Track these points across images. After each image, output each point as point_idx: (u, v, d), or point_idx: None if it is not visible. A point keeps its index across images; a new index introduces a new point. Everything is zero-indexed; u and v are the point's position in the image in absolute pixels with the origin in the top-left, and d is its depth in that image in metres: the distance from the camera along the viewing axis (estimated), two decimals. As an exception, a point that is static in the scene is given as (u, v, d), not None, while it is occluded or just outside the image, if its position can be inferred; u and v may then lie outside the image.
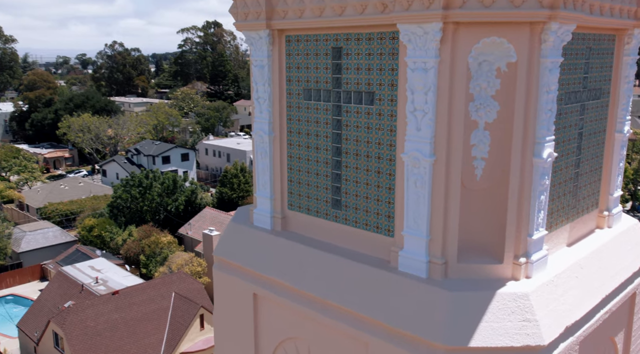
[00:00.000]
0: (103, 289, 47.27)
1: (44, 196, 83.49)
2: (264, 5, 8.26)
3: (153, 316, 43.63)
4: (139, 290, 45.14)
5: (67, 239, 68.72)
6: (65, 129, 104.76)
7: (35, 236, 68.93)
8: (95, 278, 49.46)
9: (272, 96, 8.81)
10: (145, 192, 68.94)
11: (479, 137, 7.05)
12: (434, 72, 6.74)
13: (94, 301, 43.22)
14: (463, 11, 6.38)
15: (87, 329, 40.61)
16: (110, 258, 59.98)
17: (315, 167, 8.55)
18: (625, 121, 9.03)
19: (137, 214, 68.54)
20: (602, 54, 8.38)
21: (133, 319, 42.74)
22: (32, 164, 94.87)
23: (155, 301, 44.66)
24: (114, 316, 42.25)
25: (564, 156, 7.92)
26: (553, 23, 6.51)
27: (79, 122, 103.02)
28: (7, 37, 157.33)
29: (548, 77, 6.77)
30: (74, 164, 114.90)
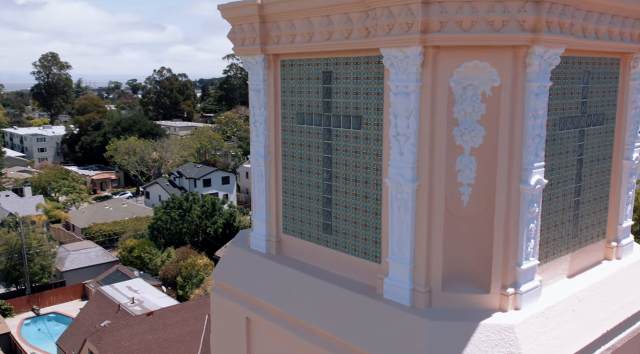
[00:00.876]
0: (139, 310, 47.97)
1: (89, 216, 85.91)
2: (259, 30, 8.36)
3: (186, 338, 43.92)
4: (173, 312, 45.61)
5: (109, 259, 70.34)
6: (112, 152, 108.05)
7: (79, 255, 70.84)
8: (131, 298, 50.27)
9: (267, 120, 8.85)
10: (184, 214, 70.09)
11: (464, 163, 6.88)
12: (416, 96, 6.65)
13: (129, 321, 43.88)
14: (441, 35, 6.29)
15: (121, 349, 41.16)
16: (148, 279, 60.98)
17: (307, 191, 8.51)
18: (634, 147, 8.67)
19: (177, 236, 69.66)
20: (604, 79, 8.11)
21: (166, 340, 43.12)
22: (80, 186, 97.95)
23: (189, 323, 44.99)
24: (148, 337, 42.71)
25: (560, 183, 7.64)
26: (537, 47, 6.34)
27: (125, 145, 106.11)
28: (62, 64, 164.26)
29: (534, 101, 6.58)
30: (120, 186, 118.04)
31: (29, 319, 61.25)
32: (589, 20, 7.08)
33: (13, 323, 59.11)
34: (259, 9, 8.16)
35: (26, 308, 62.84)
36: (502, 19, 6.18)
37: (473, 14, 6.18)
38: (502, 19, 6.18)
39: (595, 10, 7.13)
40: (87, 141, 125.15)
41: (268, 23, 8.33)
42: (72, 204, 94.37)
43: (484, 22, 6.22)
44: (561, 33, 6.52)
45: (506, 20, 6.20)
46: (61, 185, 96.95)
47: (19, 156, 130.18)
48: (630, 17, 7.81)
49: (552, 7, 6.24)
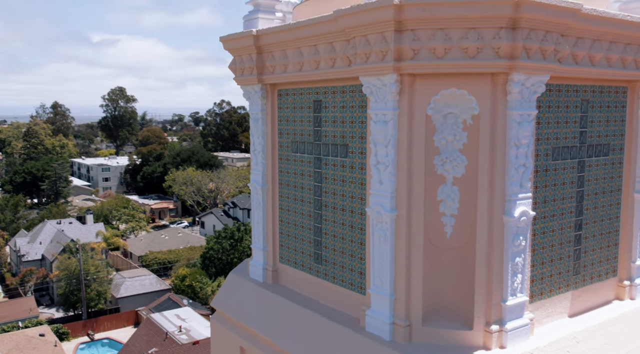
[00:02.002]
0: (185, 339, 48.45)
1: (146, 244, 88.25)
2: (255, 61, 8.50)
3: (229, 368, 43.90)
4: (217, 341, 45.78)
5: (162, 287, 71.73)
6: (170, 182, 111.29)
7: (134, 282, 72.60)
8: (179, 327, 50.89)
9: (265, 149, 8.92)
10: (236, 244, 70.93)
11: (446, 193, 6.68)
12: (393, 124, 6.55)
13: (175, 349, 44.37)
14: (415, 63, 6.20)
15: (165, 377, 41.59)
16: (197, 308, 61.69)
17: (301, 220, 8.46)
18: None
19: (228, 265, 70.43)
20: (607, 107, 7.76)
21: (210, 369, 43.24)
22: (139, 214, 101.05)
23: (232, 353, 45.02)
24: (192, 365, 42.99)
25: (556, 216, 7.28)
26: (516, 74, 6.15)
27: (183, 175, 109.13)
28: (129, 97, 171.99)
29: (517, 130, 6.35)
30: (177, 215, 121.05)
31: (84, 344, 62.88)
32: (580, 47, 6.82)
33: (69, 346, 60.81)
34: (255, 40, 8.31)
35: (82, 332, 64.61)
36: (477, 46, 6.04)
37: (446, 41, 6.08)
38: (477, 46, 6.04)
39: (587, 36, 6.87)
40: (148, 171, 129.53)
41: (264, 53, 8.47)
42: (131, 232, 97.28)
43: (458, 49, 6.10)
44: (544, 60, 6.31)
45: (480, 47, 6.06)
46: (121, 213, 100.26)
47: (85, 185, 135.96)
48: (632, 43, 7.48)
49: (531, 34, 6.06)
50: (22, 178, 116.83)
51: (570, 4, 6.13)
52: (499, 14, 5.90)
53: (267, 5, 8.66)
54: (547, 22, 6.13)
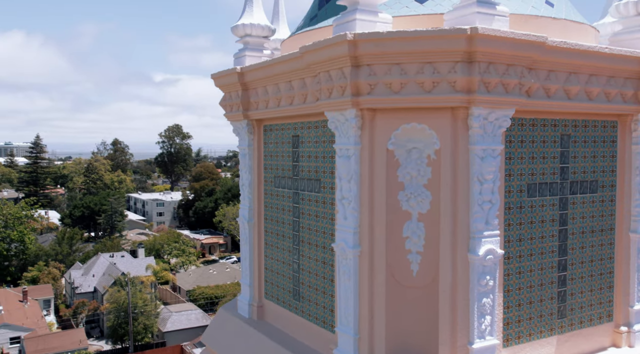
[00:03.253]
0: (224, 374, 48.25)
1: (195, 279, 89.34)
2: (241, 97, 8.65)
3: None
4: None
5: (207, 323, 72.11)
6: (220, 217, 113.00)
7: (180, 317, 73.33)
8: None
9: (252, 183, 8.97)
10: (280, 280, 70.83)
11: (412, 229, 6.52)
12: (355, 159, 6.49)
13: (213, 384, 44.28)
14: (372, 97, 6.16)
15: (202, 413, 41.44)
16: (240, 344, 61.51)
17: (282, 256, 8.41)
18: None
19: (271, 301, 70.26)
20: (594, 142, 7.44)
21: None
22: (189, 249, 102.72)
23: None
24: (229, 402, 42.72)
25: (534, 255, 6.96)
26: (475, 108, 6.01)
27: (233, 211, 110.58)
28: (185, 134, 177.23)
29: (480, 165, 6.17)
30: (227, 251, 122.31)
31: (129, 377, 63.63)
32: (553, 81, 6.61)
33: (114, 379, 61.67)
34: (239, 77, 8.47)
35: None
36: (432, 80, 5.96)
37: (402, 76, 6.02)
38: (432, 80, 5.96)
39: (561, 69, 6.66)
40: (199, 206, 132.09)
41: (249, 90, 8.61)
42: (181, 266, 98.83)
43: (414, 83, 6.03)
44: (507, 94, 6.14)
45: (436, 82, 5.97)
46: (172, 248, 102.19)
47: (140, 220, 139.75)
48: (617, 76, 7.20)
49: (490, 67, 5.93)
50: (81, 212, 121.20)
51: (530, 36, 5.99)
52: (453, 48, 5.82)
53: (255, 43, 8.83)
54: (507, 56, 5.99)
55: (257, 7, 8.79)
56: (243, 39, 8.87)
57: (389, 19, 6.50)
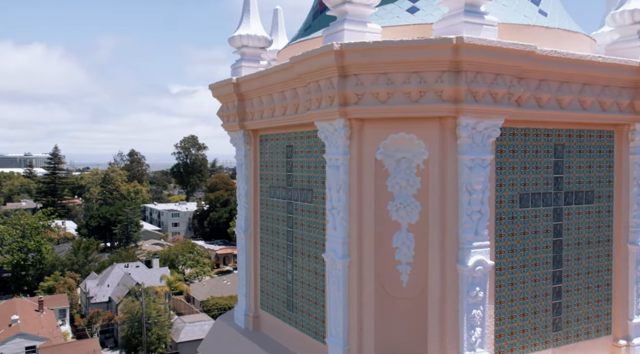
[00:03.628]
0: (236, 385, 48.12)
1: (209, 289, 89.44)
2: (237, 107, 8.69)
3: None
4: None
5: (220, 333, 72.04)
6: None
7: (194, 327, 73.36)
8: (231, 373, 50.67)
9: (248, 193, 8.99)
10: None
11: (402, 240, 6.48)
12: (344, 168, 6.47)
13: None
14: (359, 107, 6.15)
15: None
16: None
17: (277, 266, 8.39)
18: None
19: (284, 313, 70.12)
20: (589, 152, 7.35)
21: None
22: (204, 259, 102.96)
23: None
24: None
25: (528, 267, 6.87)
26: (462, 118, 5.97)
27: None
28: (200, 145, 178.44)
29: (468, 175, 6.11)
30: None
31: (142, 387, 63.71)
32: (545, 90, 6.55)
33: (127, 389, 61.79)
34: (235, 88, 8.52)
35: (141, 375, 65.60)
36: (419, 89, 5.94)
37: (389, 86, 6.01)
38: (419, 89, 5.94)
39: (552, 79, 6.60)
40: (214, 217, 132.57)
41: (245, 100, 8.65)
42: (195, 277, 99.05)
43: (401, 93, 6.02)
44: (496, 103, 6.10)
45: (423, 91, 5.95)
46: (187, 258, 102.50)
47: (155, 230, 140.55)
48: (612, 85, 7.12)
49: (478, 77, 5.90)
50: (97, 222, 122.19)
51: (518, 45, 5.95)
52: (439, 58, 5.79)
53: (251, 54, 8.88)
54: (495, 65, 5.95)
55: (254, 18, 8.85)
56: (240, 50, 8.93)
57: (378, 29, 6.50)
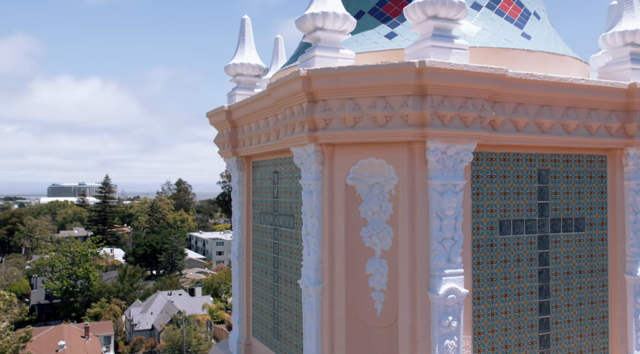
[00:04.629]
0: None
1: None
2: (229, 134, 8.81)
3: None
4: None
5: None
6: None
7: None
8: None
9: (241, 220, 9.03)
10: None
11: (375, 267, 6.37)
12: (317, 194, 6.44)
13: None
14: (327, 132, 6.15)
15: None
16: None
17: (265, 293, 8.36)
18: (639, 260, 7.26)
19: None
20: (579, 178, 7.09)
21: None
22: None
23: None
24: None
25: (510, 296, 6.62)
26: (430, 142, 5.88)
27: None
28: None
29: (439, 201, 5.99)
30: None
31: (181, 416, 63.78)
32: (522, 114, 6.40)
33: (166, 417, 61.96)
34: (227, 115, 8.65)
35: (180, 404, 65.75)
36: (385, 114, 5.90)
37: (356, 111, 5.99)
38: (385, 114, 5.90)
39: (531, 102, 6.44)
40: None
41: (237, 127, 8.77)
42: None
43: (368, 118, 5.99)
44: (466, 127, 5.98)
45: (389, 116, 5.91)
46: (229, 287, 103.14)
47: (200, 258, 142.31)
48: (600, 109, 6.89)
49: (445, 101, 5.82)
50: (143, 250, 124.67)
51: (487, 69, 5.85)
52: (403, 82, 5.76)
53: (246, 82, 9.02)
54: (464, 89, 5.86)
55: (249, 47, 9.01)
56: (235, 78, 9.09)
57: (351, 54, 6.52)
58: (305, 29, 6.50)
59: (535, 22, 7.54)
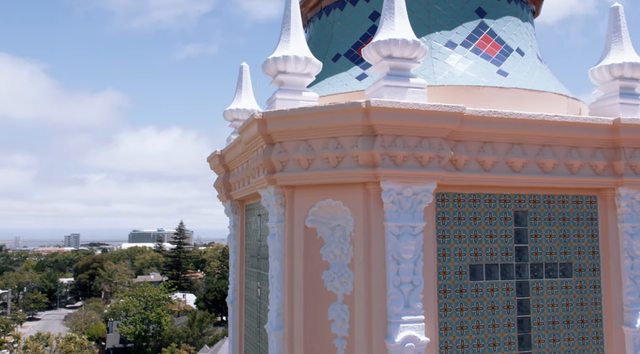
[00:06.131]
0: None
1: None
2: (223, 178, 8.95)
3: None
4: None
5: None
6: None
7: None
8: None
9: (235, 263, 9.05)
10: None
11: (337, 312, 6.18)
12: (279, 237, 6.39)
13: None
14: (284, 174, 6.12)
15: None
16: None
17: (252, 338, 8.25)
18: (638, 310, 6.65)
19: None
20: (564, 220, 6.66)
21: None
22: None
23: None
24: None
25: (483, 346, 6.20)
26: (384, 183, 5.73)
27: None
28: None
29: (395, 244, 5.77)
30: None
31: None
32: (487, 153, 6.13)
33: None
34: (220, 159, 8.82)
35: None
36: (336, 155, 5.83)
37: (309, 152, 5.96)
38: (336, 155, 5.83)
39: (499, 140, 6.17)
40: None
41: (230, 171, 8.89)
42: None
43: (321, 159, 5.94)
44: (423, 167, 5.80)
45: (340, 157, 5.83)
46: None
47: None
48: (581, 146, 6.50)
49: (397, 141, 5.69)
50: (214, 296, 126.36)
51: (441, 107, 5.69)
52: (352, 123, 5.69)
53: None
54: (418, 128, 5.72)
55: (246, 93, 9.21)
56: (232, 123, 9.28)
57: (314, 97, 6.54)
58: (269, 73, 6.60)
59: (516, 59, 7.30)
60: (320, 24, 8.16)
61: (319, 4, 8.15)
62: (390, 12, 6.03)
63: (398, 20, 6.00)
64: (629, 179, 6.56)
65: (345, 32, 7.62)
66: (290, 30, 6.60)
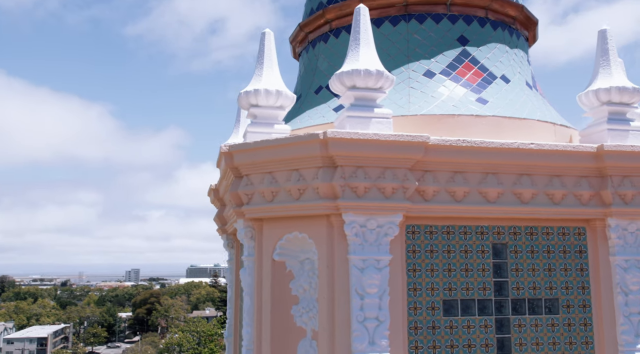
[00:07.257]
0: None
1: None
2: (217, 212, 9.00)
3: None
4: None
5: None
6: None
7: None
8: None
9: (232, 298, 9.01)
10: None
11: (305, 348, 6.03)
12: (250, 270, 6.36)
13: None
14: (250, 207, 6.11)
15: None
16: None
17: (242, 374, 8.12)
18: (635, 351, 6.18)
19: None
20: (549, 253, 6.32)
21: None
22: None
23: None
24: None
25: (460, 387, 5.89)
26: (345, 215, 5.62)
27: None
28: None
29: (359, 278, 5.61)
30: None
31: None
32: (458, 183, 5.92)
33: None
34: (215, 193, 8.88)
35: None
36: (298, 187, 5.78)
37: (273, 184, 5.93)
38: (298, 187, 5.78)
39: (471, 170, 5.96)
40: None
41: (226, 205, 8.93)
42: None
43: (284, 191, 5.89)
44: (387, 199, 5.66)
45: (302, 189, 5.77)
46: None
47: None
48: (563, 175, 6.20)
49: (358, 172, 5.59)
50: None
51: (403, 137, 5.57)
52: (312, 154, 5.64)
53: (239, 162, 9.27)
54: (380, 158, 5.61)
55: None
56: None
57: (286, 129, 6.54)
58: (243, 106, 6.67)
59: (499, 86, 7.09)
60: (307, 57, 8.22)
61: (306, 38, 8.22)
62: (356, 43, 6.02)
63: (363, 51, 5.97)
64: (617, 209, 6.19)
65: (328, 64, 7.63)
66: (264, 64, 6.67)
